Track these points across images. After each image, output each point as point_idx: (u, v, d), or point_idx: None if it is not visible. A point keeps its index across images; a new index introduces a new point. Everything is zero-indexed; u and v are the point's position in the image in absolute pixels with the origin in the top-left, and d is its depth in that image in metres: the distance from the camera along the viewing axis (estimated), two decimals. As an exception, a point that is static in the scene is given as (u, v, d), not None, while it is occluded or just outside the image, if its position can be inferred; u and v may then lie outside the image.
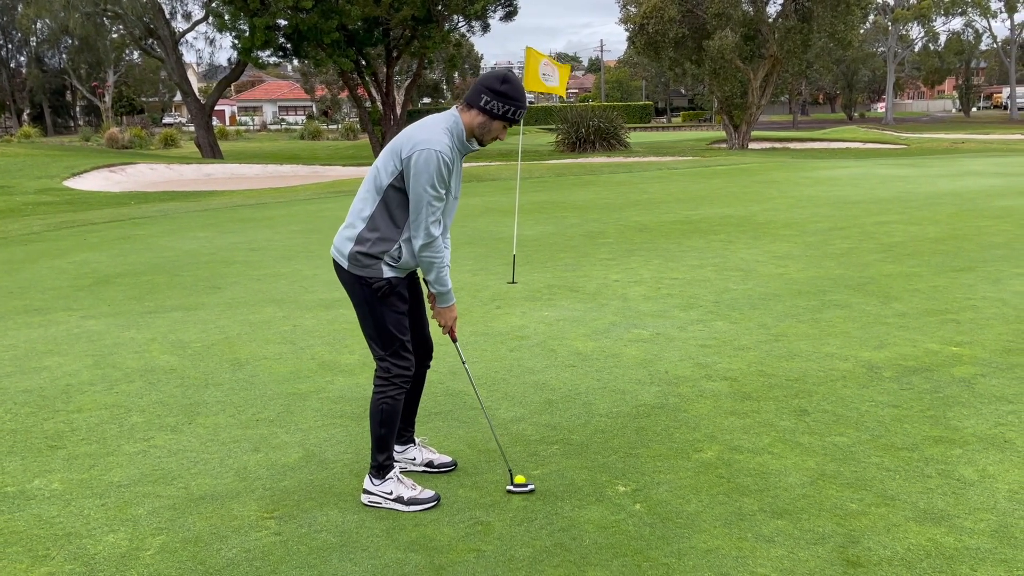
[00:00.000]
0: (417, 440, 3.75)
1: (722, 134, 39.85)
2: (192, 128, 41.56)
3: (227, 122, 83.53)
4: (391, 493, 3.35)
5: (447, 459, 3.70)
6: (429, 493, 3.37)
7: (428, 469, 3.64)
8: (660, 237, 9.83)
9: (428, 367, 3.62)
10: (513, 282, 7.55)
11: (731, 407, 4.29)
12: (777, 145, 36.48)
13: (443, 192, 3.20)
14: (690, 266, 7.99)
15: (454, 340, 3.56)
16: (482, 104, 3.21)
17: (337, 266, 3.35)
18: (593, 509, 3.27)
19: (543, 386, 4.70)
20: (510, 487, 3.44)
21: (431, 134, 3.18)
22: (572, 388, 4.65)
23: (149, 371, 5.16)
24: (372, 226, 3.23)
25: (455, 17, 35.12)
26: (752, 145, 34.85)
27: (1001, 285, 6.71)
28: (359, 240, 3.24)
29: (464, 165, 26.13)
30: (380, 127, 37.96)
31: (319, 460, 3.80)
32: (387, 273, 3.28)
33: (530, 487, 3.44)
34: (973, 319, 5.74)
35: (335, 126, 70.11)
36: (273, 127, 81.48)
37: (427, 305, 3.55)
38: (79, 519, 3.32)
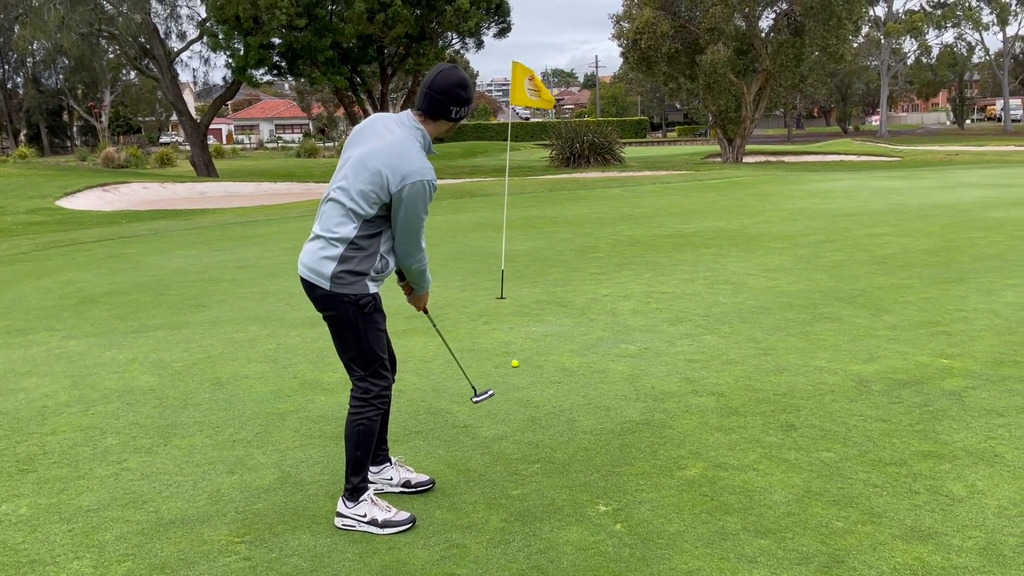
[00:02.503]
0: (393, 459, 3.67)
1: (717, 148, 39.94)
2: (188, 147, 41.61)
3: (224, 140, 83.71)
4: (365, 515, 3.26)
5: (424, 478, 3.61)
6: (404, 515, 3.29)
7: (405, 489, 3.56)
8: (651, 251, 9.77)
9: (394, 381, 3.54)
10: (502, 297, 7.48)
11: (717, 423, 4.21)
12: (771, 158, 36.56)
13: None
14: (681, 280, 7.93)
15: (428, 314, 3.83)
16: (453, 116, 3.20)
17: (312, 286, 3.22)
18: (573, 530, 3.18)
19: (527, 403, 4.62)
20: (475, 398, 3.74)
21: (415, 161, 3.11)
22: (557, 405, 4.57)
23: (127, 392, 5.08)
24: (355, 246, 3.16)
25: (449, 34, 35.28)
26: (746, 159, 34.92)
27: (993, 296, 6.65)
28: (342, 259, 3.15)
29: (456, 181, 26.19)
30: (375, 144, 37.98)
31: (295, 482, 3.72)
32: (372, 289, 3.24)
33: (490, 392, 3.76)
34: (964, 331, 5.67)
35: (331, 144, 70.26)
36: (270, 145, 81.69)
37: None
38: (44, 545, 3.22)
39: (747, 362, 5.19)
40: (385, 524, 3.23)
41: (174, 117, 58.77)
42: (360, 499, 3.29)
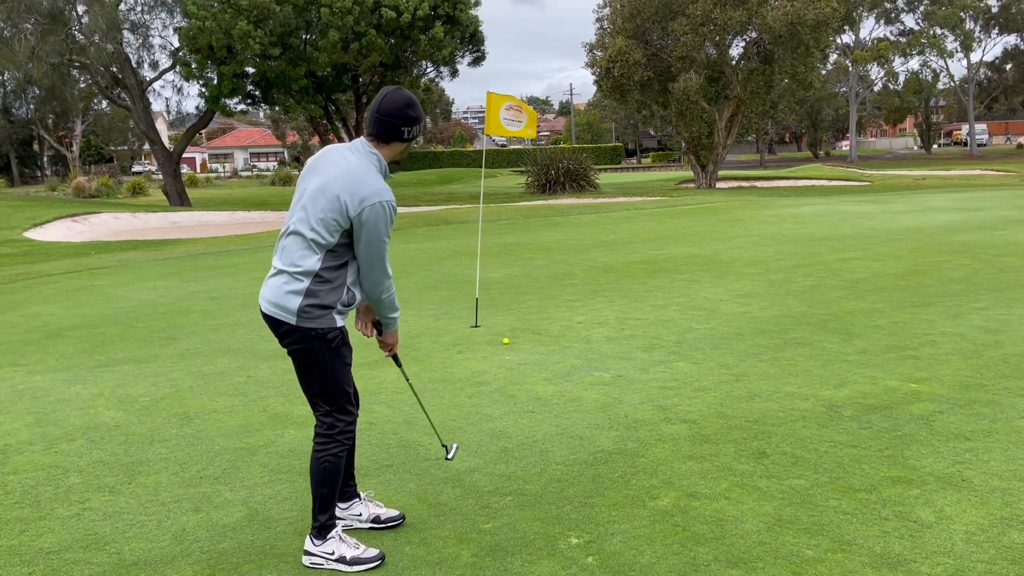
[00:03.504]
0: (363, 495, 3.62)
1: (690, 174, 40.35)
2: (161, 176, 41.34)
3: (198, 169, 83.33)
4: (333, 553, 3.21)
5: (394, 513, 3.56)
6: (373, 552, 3.24)
7: (375, 525, 3.51)
8: (625, 277, 9.81)
9: (357, 416, 3.47)
10: (476, 326, 7.46)
11: (689, 451, 4.20)
12: (744, 184, 36.99)
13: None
14: (654, 306, 7.96)
15: (398, 362, 3.60)
16: (405, 136, 3.20)
17: (277, 322, 3.16)
18: (544, 564, 3.15)
19: (500, 434, 4.59)
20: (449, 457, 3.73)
21: (372, 184, 3.09)
22: (529, 435, 4.54)
23: (92, 428, 4.98)
24: (321, 279, 3.12)
25: (423, 63, 35.49)
26: (719, 184, 35.31)
27: (960, 320, 6.74)
28: (308, 293, 3.11)
29: (431, 209, 26.09)
30: (350, 172, 37.98)
31: (262, 519, 3.65)
32: (339, 322, 3.19)
33: (455, 446, 3.83)
34: (932, 355, 5.73)
35: (306, 172, 70.03)
36: (244, 173, 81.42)
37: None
38: (1, 590, 3.14)
39: (719, 389, 5.20)
40: (354, 561, 3.19)
41: (147, 146, 58.45)
42: (328, 536, 3.24)
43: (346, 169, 3.12)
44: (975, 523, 3.29)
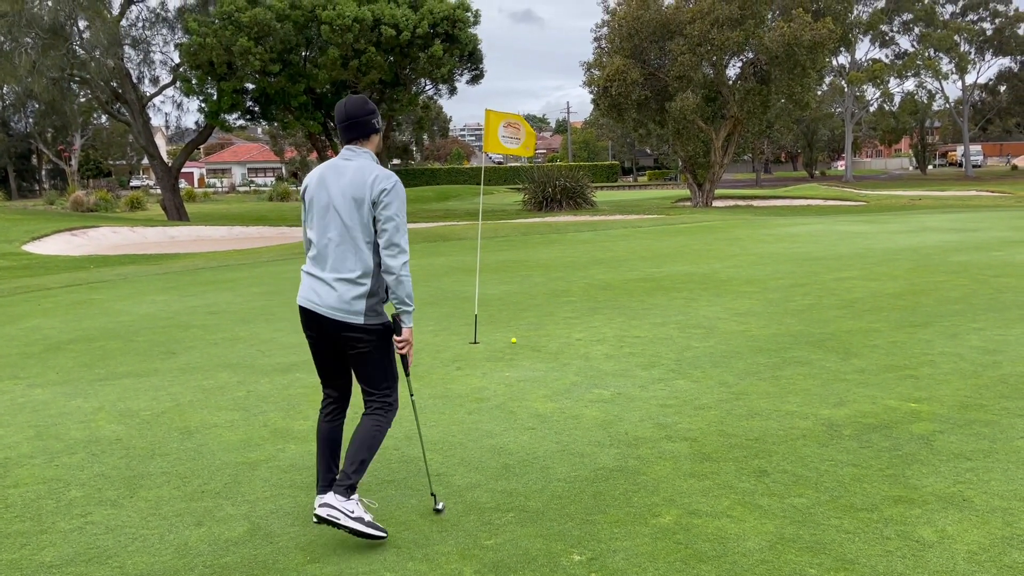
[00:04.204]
0: (364, 501, 3.71)
1: (686, 192, 40.54)
2: (159, 191, 41.41)
3: (196, 184, 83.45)
4: (353, 512, 3.42)
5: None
6: (381, 528, 3.51)
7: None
8: (624, 295, 9.84)
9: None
10: (475, 342, 7.47)
11: (690, 469, 4.21)
12: (740, 203, 37.16)
13: None
14: (653, 324, 7.98)
15: (408, 369, 3.75)
16: (377, 127, 3.62)
17: (344, 324, 3.48)
18: (547, 580, 3.15)
19: (501, 450, 4.59)
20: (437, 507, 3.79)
21: (381, 171, 3.51)
22: (530, 452, 4.55)
23: (93, 442, 4.98)
24: (376, 276, 3.50)
25: (422, 80, 35.69)
26: (716, 203, 35.47)
27: (958, 340, 6.77)
28: (370, 294, 3.49)
29: (429, 225, 26.30)
30: (348, 188, 38.10)
31: (264, 534, 3.65)
32: (387, 314, 3.60)
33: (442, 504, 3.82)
34: (931, 375, 5.76)
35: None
36: (242, 188, 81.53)
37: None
38: (3, 604, 3.13)
39: (719, 407, 5.22)
40: (369, 525, 3.44)
41: (145, 161, 58.53)
42: (352, 496, 3.46)
43: (355, 170, 3.51)
44: (976, 543, 3.31)
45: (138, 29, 36.70)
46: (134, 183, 79.76)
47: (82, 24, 34.62)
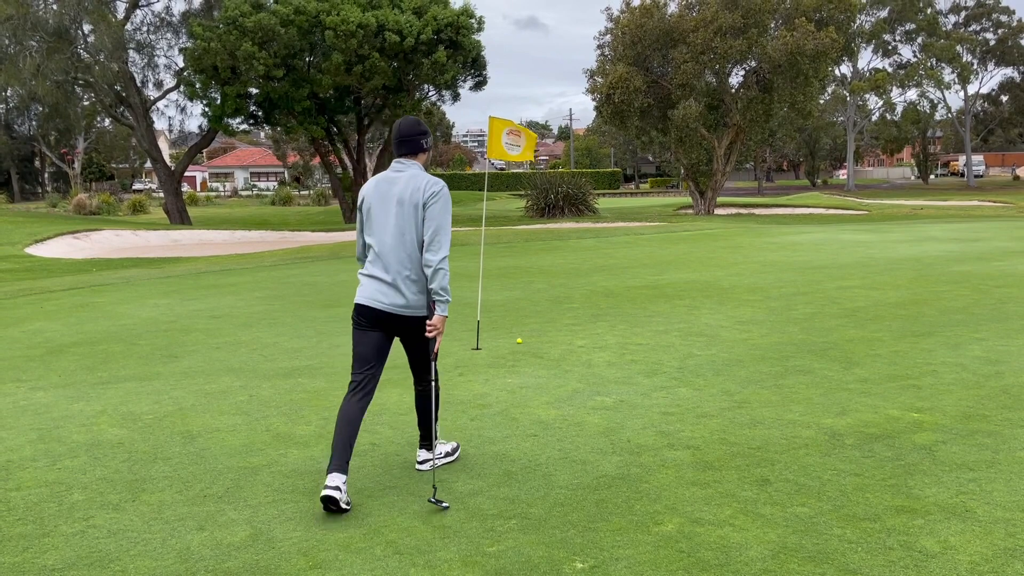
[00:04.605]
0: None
1: (688, 200, 40.57)
2: (162, 194, 41.47)
3: (198, 188, 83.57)
4: (441, 453, 4.43)
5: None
6: (454, 443, 4.58)
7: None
8: (626, 302, 9.84)
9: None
10: (477, 348, 7.48)
11: (693, 477, 4.21)
12: (742, 211, 37.19)
13: None
14: (655, 331, 7.98)
15: (435, 357, 4.20)
16: (425, 147, 4.14)
17: (410, 318, 4.04)
18: (549, 588, 3.15)
19: (503, 457, 4.59)
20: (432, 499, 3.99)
21: (431, 178, 4.01)
22: (532, 459, 4.55)
23: (95, 445, 4.98)
24: (422, 273, 4.00)
25: (425, 86, 35.77)
26: (718, 211, 35.49)
27: (960, 350, 6.77)
28: (424, 290, 4.03)
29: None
30: (351, 193, 38.19)
31: (267, 538, 3.65)
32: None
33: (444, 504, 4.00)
34: (933, 384, 5.76)
35: (306, 192, 70.39)
36: (244, 193, 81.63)
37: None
38: (6, 607, 3.13)
39: (722, 415, 5.21)
40: (452, 451, 4.51)
41: (148, 164, 58.66)
42: (436, 444, 4.32)
43: (408, 178, 4.02)
44: (979, 553, 3.30)
45: (143, 33, 36.83)
46: (137, 186, 79.88)
47: (87, 28, 34.75)
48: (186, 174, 51.13)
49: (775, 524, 3.63)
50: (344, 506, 3.85)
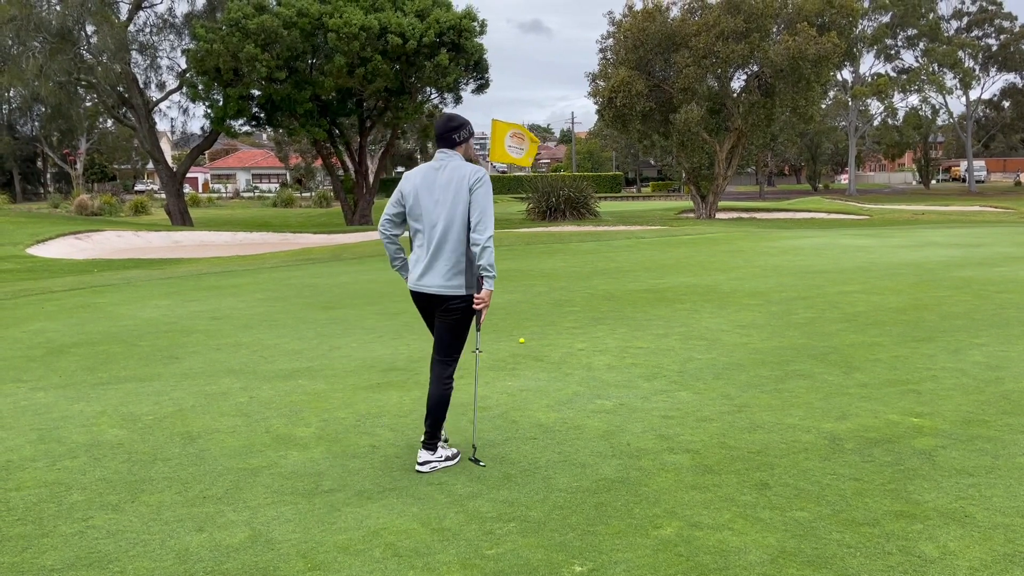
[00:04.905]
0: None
1: (690, 204, 40.57)
2: (163, 195, 41.52)
3: (200, 189, 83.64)
4: (442, 457, 4.47)
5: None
6: (454, 450, 4.61)
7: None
8: (627, 306, 9.84)
9: None
10: (478, 351, 7.46)
11: (692, 481, 4.21)
12: (744, 215, 37.19)
13: None
14: (655, 335, 7.98)
15: (480, 325, 4.55)
16: (459, 140, 4.46)
17: (452, 297, 4.36)
18: (548, 591, 3.15)
19: (502, 460, 4.59)
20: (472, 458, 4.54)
21: (471, 165, 4.36)
22: (532, 462, 4.55)
23: (95, 446, 4.99)
24: (468, 257, 4.36)
25: (428, 89, 35.79)
26: (719, 215, 35.49)
27: (961, 356, 6.77)
28: (463, 271, 4.35)
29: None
30: (353, 195, 38.22)
31: (265, 540, 3.65)
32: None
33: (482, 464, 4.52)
34: (933, 390, 5.76)
35: (308, 194, 70.46)
36: (246, 194, 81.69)
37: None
38: (4, 607, 3.13)
39: (721, 419, 5.21)
40: (453, 456, 4.55)
41: (150, 165, 58.75)
42: (439, 447, 4.47)
43: (451, 168, 4.36)
44: (978, 559, 3.30)
45: (145, 34, 36.89)
46: (139, 187, 79.96)
47: (90, 29, 34.82)
48: (188, 175, 51.23)
49: (774, 528, 3.63)
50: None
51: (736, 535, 3.57)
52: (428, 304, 4.47)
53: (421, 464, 4.42)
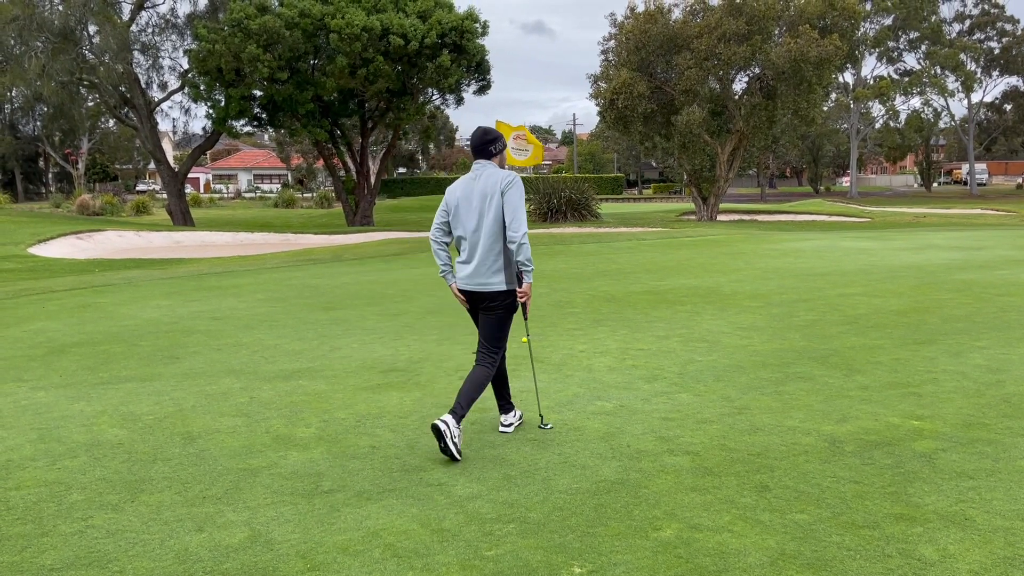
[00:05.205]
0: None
1: (691, 206, 40.58)
2: (165, 195, 41.56)
3: (201, 190, 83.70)
4: (516, 415, 5.25)
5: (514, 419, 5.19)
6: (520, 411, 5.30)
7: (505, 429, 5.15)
8: (627, 307, 9.84)
9: None
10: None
11: (692, 483, 4.21)
12: (745, 217, 37.18)
13: None
14: (656, 337, 7.98)
15: (526, 313, 5.02)
16: (493, 152, 4.91)
17: (495, 294, 4.77)
18: (547, 592, 3.15)
19: (502, 461, 4.59)
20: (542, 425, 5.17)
21: (505, 171, 4.81)
22: (532, 463, 4.55)
23: (95, 445, 4.99)
24: (506, 253, 4.77)
25: (429, 90, 35.81)
26: (720, 217, 35.49)
27: (961, 358, 6.76)
28: (507, 267, 4.77)
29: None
30: (354, 196, 38.23)
31: (265, 540, 3.65)
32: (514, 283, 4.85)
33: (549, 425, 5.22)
34: (934, 392, 5.75)
35: (310, 195, 70.48)
36: (247, 195, 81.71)
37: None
38: (3, 606, 3.13)
39: (722, 421, 5.21)
40: (520, 416, 5.24)
41: (151, 165, 58.79)
42: (512, 409, 5.20)
43: (487, 176, 4.80)
44: (978, 562, 3.30)
45: (148, 35, 36.92)
46: (140, 187, 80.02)
47: (92, 29, 34.85)
48: (189, 176, 51.28)
49: (774, 531, 3.62)
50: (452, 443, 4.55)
51: (736, 537, 3.57)
52: (474, 301, 4.87)
53: (506, 426, 5.11)
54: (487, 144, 4.88)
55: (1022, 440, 4.71)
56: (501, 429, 5.10)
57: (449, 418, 4.56)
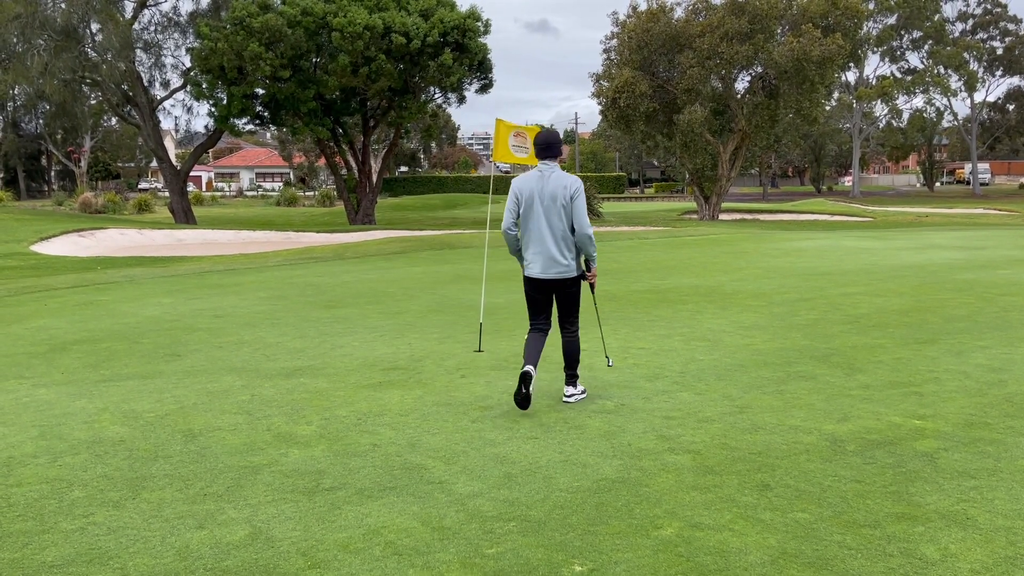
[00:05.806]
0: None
1: (693, 205, 40.55)
2: (167, 193, 41.59)
3: (203, 188, 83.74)
4: (580, 390, 5.74)
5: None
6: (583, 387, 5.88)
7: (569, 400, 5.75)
8: (629, 306, 9.84)
9: None
10: (480, 350, 7.47)
11: (693, 481, 4.20)
12: (747, 216, 37.15)
13: None
14: (658, 336, 7.98)
15: (593, 289, 5.86)
16: (558, 152, 5.59)
17: (566, 280, 5.54)
18: (547, 591, 3.14)
19: (503, 459, 4.59)
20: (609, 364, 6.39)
21: (571, 176, 5.50)
22: (533, 461, 4.55)
23: (97, 443, 4.99)
24: (573, 244, 5.52)
25: (431, 88, 35.78)
26: (722, 216, 35.47)
27: (963, 358, 6.75)
28: (573, 258, 5.53)
29: (436, 233, 26.30)
30: (356, 194, 38.24)
31: (266, 538, 3.65)
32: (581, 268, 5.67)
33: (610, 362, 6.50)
34: (936, 392, 5.75)
35: (311, 193, 70.51)
36: (250, 193, 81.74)
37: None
38: (4, 603, 3.13)
39: (723, 420, 5.21)
40: (584, 391, 5.79)
41: (154, 163, 58.80)
42: (578, 383, 5.76)
43: (555, 177, 5.47)
44: (980, 562, 3.29)
45: (150, 33, 36.93)
46: (142, 186, 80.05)
47: (95, 27, 34.86)
48: (192, 174, 51.31)
49: (775, 529, 3.62)
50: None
51: (737, 536, 3.56)
52: (550, 288, 5.56)
53: (568, 396, 5.67)
54: (553, 145, 5.54)
55: (1024, 440, 4.70)
56: (564, 399, 5.76)
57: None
